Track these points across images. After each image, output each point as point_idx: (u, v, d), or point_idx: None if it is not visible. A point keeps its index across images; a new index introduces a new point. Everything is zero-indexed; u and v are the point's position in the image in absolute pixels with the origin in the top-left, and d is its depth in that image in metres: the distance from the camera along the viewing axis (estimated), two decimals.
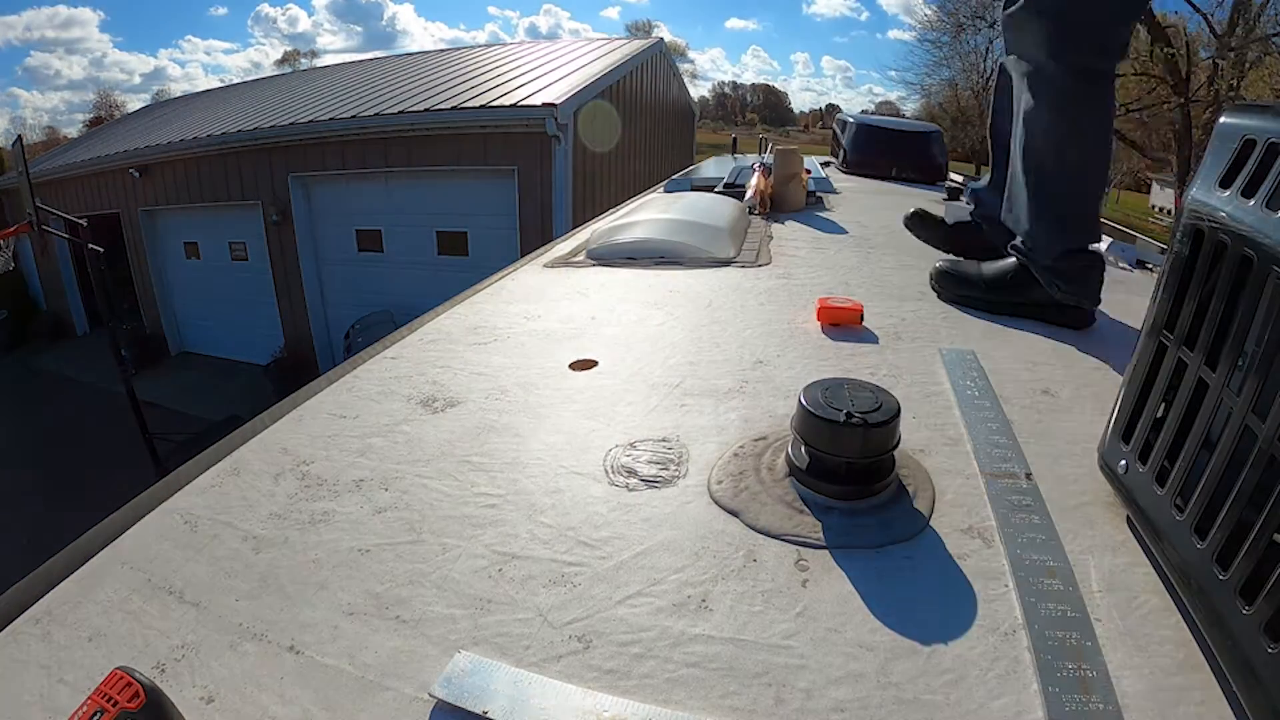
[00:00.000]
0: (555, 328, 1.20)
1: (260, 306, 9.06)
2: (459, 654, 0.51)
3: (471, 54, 10.58)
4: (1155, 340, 0.62)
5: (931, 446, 0.79)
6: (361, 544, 0.64)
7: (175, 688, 0.49)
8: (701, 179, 3.33)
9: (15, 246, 6.98)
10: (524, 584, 0.59)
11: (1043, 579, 0.57)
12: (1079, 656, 0.50)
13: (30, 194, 5.44)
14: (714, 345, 1.12)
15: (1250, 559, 0.45)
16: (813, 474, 0.69)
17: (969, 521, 0.66)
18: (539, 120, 6.75)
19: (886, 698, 0.48)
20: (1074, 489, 0.71)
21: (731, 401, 0.91)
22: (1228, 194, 0.54)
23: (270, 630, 0.54)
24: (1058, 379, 0.98)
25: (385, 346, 1.14)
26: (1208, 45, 11.79)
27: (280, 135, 8.08)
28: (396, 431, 0.85)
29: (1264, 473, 0.45)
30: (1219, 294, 0.54)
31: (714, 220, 1.86)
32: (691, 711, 0.47)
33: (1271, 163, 0.50)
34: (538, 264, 1.69)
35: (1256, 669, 0.44)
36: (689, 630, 0.54)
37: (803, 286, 1.45)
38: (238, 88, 13.68)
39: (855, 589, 0.58)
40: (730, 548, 0.63)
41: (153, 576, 0.61)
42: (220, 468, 0.78)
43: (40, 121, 53.56)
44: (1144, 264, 1.75)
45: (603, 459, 0.78)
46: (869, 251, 1.77)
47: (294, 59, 41.34)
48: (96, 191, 10.12)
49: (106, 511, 0.70)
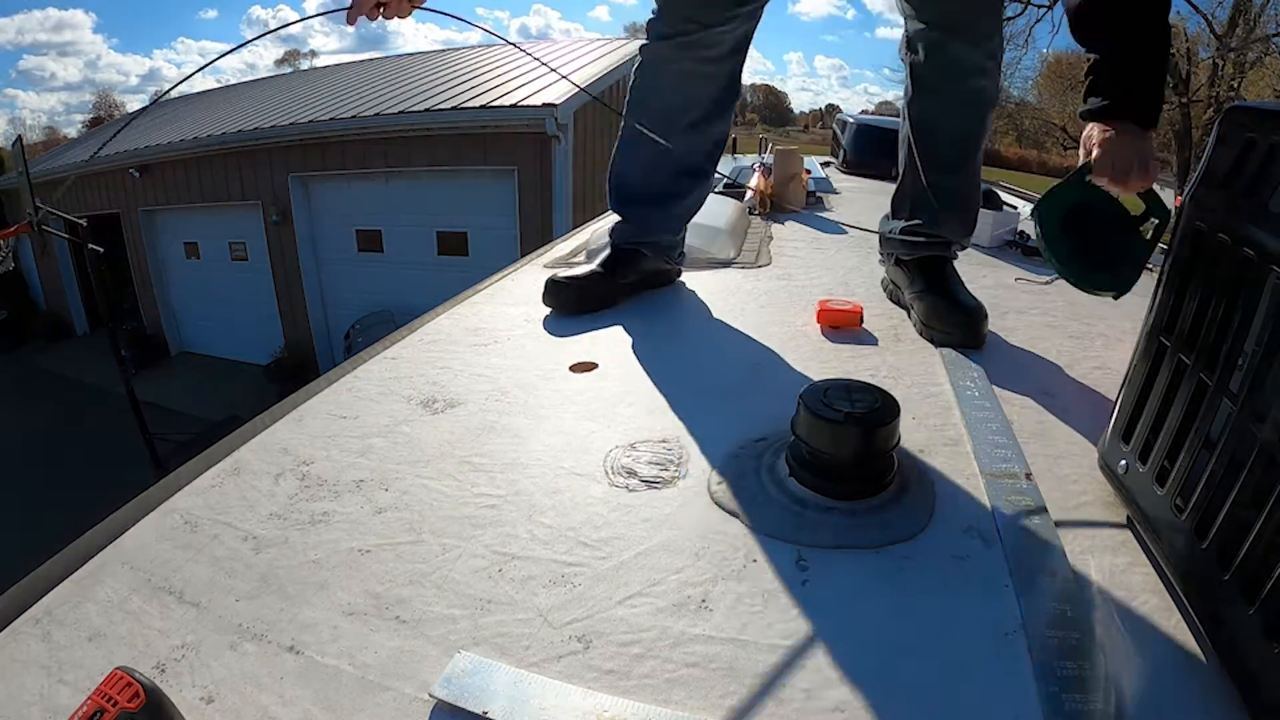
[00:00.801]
0: (555, 329, 1.20)
1: (260, 306, 9.06)
2: (459, 654, 0.51)
3: (471, 54, 10.56)
4: (1155, 340, 0.62)
5: (931, 446, 0.79)
6: (361, 544, 0.64)
7: (175, 688, 0.49)
8: None
9: (15, 246, 6.98)
10: (524, 584, 0.59)
11: (1043, 579, 0.57)
12: (1079, 656, 0.50)
13: (30, 194, 5.43)
14: (714, 347, 1.12)
15: (1250, 559, 0.45)
16: (813, 474, 0.69)
17: (969, 521, 0.66)
18: (539, 120, 6.75)
19: (886, 698, 0.48)
20: (1074, 489, 0.71)
21: (731, 403, 0.91)
22: (1228, 194, 0.54)
23: (270, 630, 0.54)
24: (1058, 379, 0.98)
25: (385, 346, 1.14)
26: (1208, 45, 11.80)
27: (280, 135, 8.08)
28: (396, 432, 0.85)
29: (1264, 473, 0.45)
30: (1219, 294, 0.54)
31: (714, 220, 1.86)
32: (691, 711, 0.47)
33: (1272, 163, 0.50)
34: (538, 264, 1.69)
35: (1256, 669, 0.44)
36: (689, 630, 0.54)
37: (803, 288, 1.45)
38: (237, 88, 13.67)
39: (855, 589, 0.58)
40: (730, 548, 0.63)
41: (153, 576, 0.61)
42: (220, 468, 0.78)
43: (39, 122, 53.56)
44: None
45: (603, 460, 0.78)
46: (869, 252, 1.77)
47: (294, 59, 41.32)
48: (96, 191, 10.12)
49: (106, 511, 0.70)
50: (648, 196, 1.33)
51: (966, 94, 1.16)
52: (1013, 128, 21.04)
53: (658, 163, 1.30)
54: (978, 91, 1.16)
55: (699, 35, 1.18)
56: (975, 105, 1.17)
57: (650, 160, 1.30)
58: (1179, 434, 0.56)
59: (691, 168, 1.32)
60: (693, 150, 1.30)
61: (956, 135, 1.19)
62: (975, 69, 1.13)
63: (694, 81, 1.24)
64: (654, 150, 1.28)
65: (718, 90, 1.27)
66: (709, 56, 1.21)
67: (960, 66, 1.13)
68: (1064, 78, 15.99)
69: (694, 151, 1.31)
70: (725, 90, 1.27)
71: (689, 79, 1.23)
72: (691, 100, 1.26)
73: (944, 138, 1.20)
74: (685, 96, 1.25)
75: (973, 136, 1.21)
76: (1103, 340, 1.14)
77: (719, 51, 1.21)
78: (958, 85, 1.15)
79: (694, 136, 1.29)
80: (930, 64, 1.16)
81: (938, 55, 1.14)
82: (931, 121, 1.20)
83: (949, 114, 1.18)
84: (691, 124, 1.27)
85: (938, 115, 1.19)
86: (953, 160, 1.21)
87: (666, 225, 1.37)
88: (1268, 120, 0.52)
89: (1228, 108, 0.58)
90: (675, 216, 1.37)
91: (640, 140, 1.28)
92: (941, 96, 1.17)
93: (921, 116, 1.21)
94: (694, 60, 1.21)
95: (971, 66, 1.13)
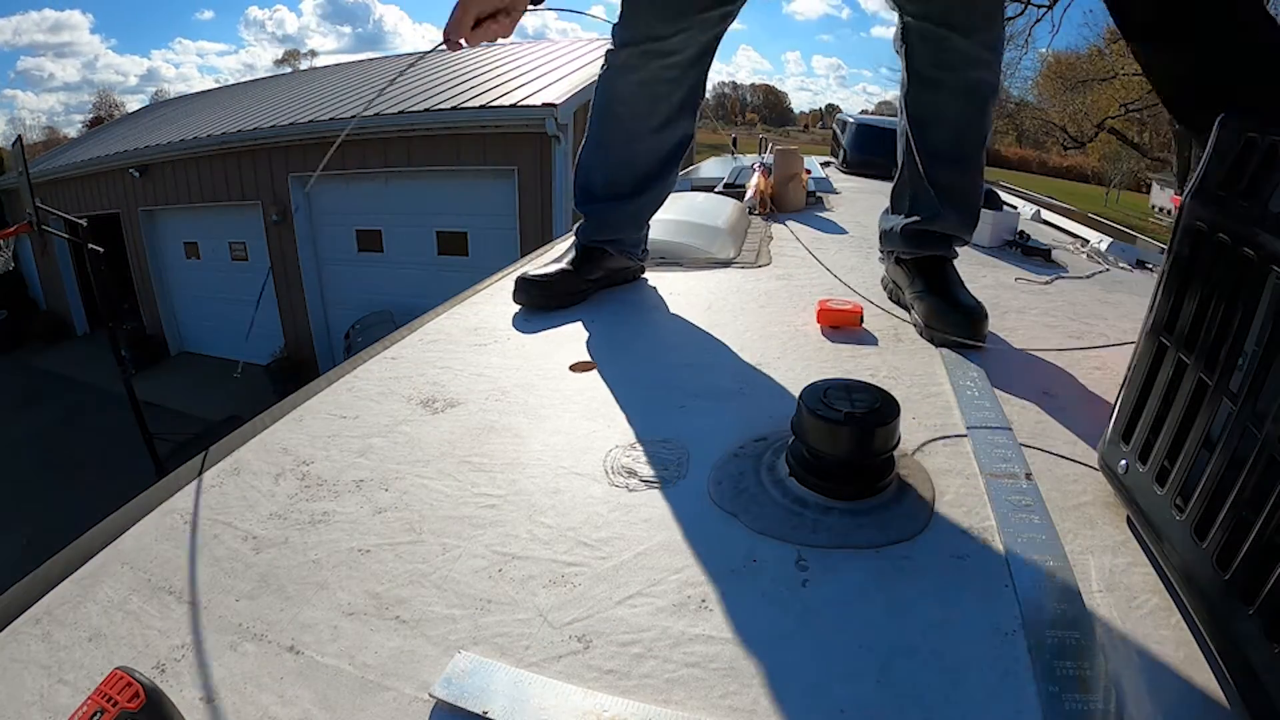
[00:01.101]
0: (555, 329, 1.20)
1: (260, 306, 9.06)
2: (459, 654, 0.51)
3: (471, 54, 10.56)
4: (1155, 340, 0.62)
5: (931, 446, 0.79)
6: (361, 544, 0.64)
7: (175, 688, 0.49)
8: (701, 179, 3.33)
9: (15, 246, 6.98)
10: (524, 584, 0.59)
11: (1043, 579, 0.57)
12: (1079, 656, 0.50)
13: (30, 194, 5.44)
14: (714, 346, 1.12)
15: (1250, 559, 0.45)
16: (813, 474, 0.69)
17: (969, 521, 0.66)
18: (539, 120, 6.75)
19: (886, 698, 0.48)
20: (1074, 489, 0.71)
21: (731, 402, 0.91)
22: (1228, 194, 0.54)
23: (270, 630, 0.54)
24: (1058, 379, 0.98)
25: (385, 346, 1.14)
26: None
27: (280, 135, 8.07)
28: (396, 432, 0.85)
29: (1264, 473, 0.45)
30: (1218, 294, 0.54)
31: (714, 220, 1.86)
32: (691, 711, 0.47)
33: (1272, 163, 0.50)
34: (538, 264, 1.69)
35: (1256, 669, 0.44)
36: (689, 630, 0.54)
37: (802, 287, 1.45)
38: (237, 88, 13.68)
39: (855, 589, 0.58)
40: (730, 548, 0.63)
41: (153, 576, 0.61)
42: (220, 468, 0.78)
43: (39, 122, 53.60)
44: (1144, 264, 1.75)
45: (603, 460, 0.78)
46: (869, 251, 1.77)
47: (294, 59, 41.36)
48: (96, 191, 10.12)
49: (106, 511, 0.70)
50: (610, 197, 1.35)
51: (963, 85, 1.14)
52: (1013, 128, 21.05)
53: (620, 166, 1.33)
54: (975, 83, 1.14)
55: (660, 43, 1.19)
56: (973, 96, 1.15)
57: (613, 163, 1.33)
58: (1179, 434, 0.56)
59: (654, 169, 1.34)
60: (655, 153, 1.32)
61: (955, 128, 1.18)
62: (972, 59, 1.11)
63: (657, 88, 1.25)
64: (617, 154, 1.31)
65: (682, 95, 1.27)
66: (672, 63, 1.22)
67: (955, 58, 1.11)
68: (1064, 78, 15.99)
69: (657, 154, 1.33)
70: (689, 94, 1.28)
71: (652, 85, 1.24)
72: (655, 106, 1.27)
73: (942, 131, 1.18)
74: (649, 103, 1.26)
75: (972, 128, 1.18)
76: (1103, 340, 1.14)
77: (682, 58, 1.22)
78: (954, 77, 1.13)
79: (657, 140, 1.30)
80: (924, 56, 1.14)
81: (932, 47, 1.12)
82: (928, 114, 1.19)
83: (946, 106, 1.16)
84: (655, 129, 1.29)
85: (934, 108, 1.17)
86: (951, 154, 1.19)
87: (628, 224, 1.39)
88: (1268, 120, 0.52)
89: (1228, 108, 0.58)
90: (636, 215, 1.39)
91: (603, 144, 1.31)
92: (937, 88, 1.15)
93: (918, 109, 1.19)
94: (657, 67, 1.22)
95: (968, 57, 1.11)
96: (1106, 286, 1.51)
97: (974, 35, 1.09)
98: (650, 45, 1.19)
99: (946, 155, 1.20)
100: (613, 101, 1.28)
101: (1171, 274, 0.61)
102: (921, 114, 1.19)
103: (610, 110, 1.29)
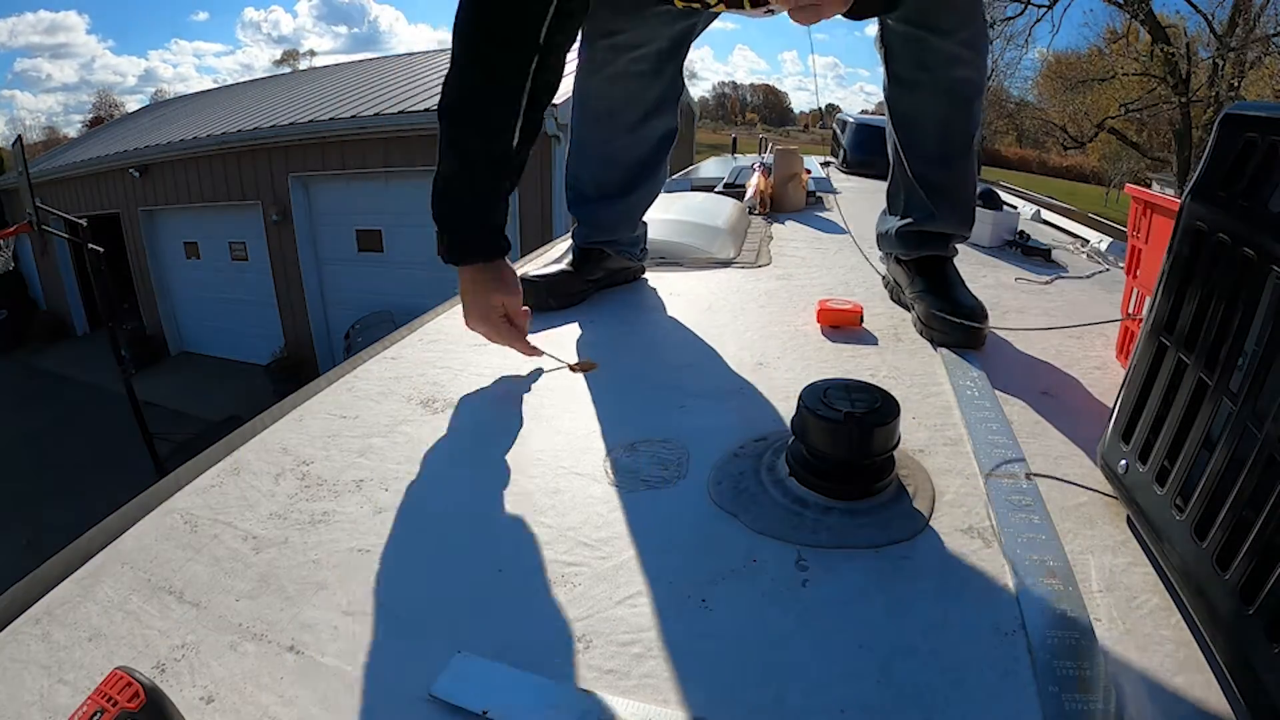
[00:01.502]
0: (555, 329, 1.20)
1: (260, 307, 9.06)
2: (459, 654, 0.51)
3: None
4: (1155, 340, 0.62)
5: (931, 446, 0.79)
6: (361, 544, 0.64)
7: (175, 688, 0.49)
8: (701, 179, 3.33)
9: (15, 246, 6.98)
10: (524, 584, 0.59)
11: (1043, 579, 0.57)
12: (1079, 656, 0.50)
13: (30, 194, 5.44)
14: (714, 346, 1.12)
15: (1250, 559, 0.45)
16: (813, 474, 0.69)
17: (969, 521, 0.66)
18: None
19: (886, 698, 0.48)
20: (1074, 489, 0.71)
21: (731, 402, 0.91)
22: (1228, 194, 0.54)
23: (270, 630, 0.54)
24: (1058, 379, 0.98)
25: (385, 346, 1.14)
26: (1207, 45, 11.81)
27: (280, 135, 8.07)
28: (396, 432, 0.85)
29: (1264, 473, 0.45)
30: (1219, 294, 0.54)
31: (714, 220, 1.86)
32: (691, 711, 0.47)
33: (1272, 163, 0.50)
34: (538, 264, 1.69)
35: (1257, 669, 0.44)
36: (689, 630, 0.54)
37: (802, 287, 1.45)
38: (237, 88, 13.68)
39: (855, 589, 0.58)
40: (730, 548, 0.63)
41: (153, 576, 0.61)
42: (220, 468, 0.78)
43: (39, 122, 53.62)
44: None
45: (603, 460, 0.78)
46: (869, 251, 1.77)
47: (294, 59, 41.37)
48: (96, 191, 10.12)
49: (106, 511, 0.70)
50: (599, 197, 1.35)
51: (945, 85, 1.13)
52: (1013, 128, 21.04)
53: (603, 165, 1.33)
54: (956, 82, 1.12)
55: (625, 37, 1.18)
56: (955, 96, 1.14)
57: (598, 162, 1.33)
58: (1179, 434, 0.56)
59: (638, 166, 1.34)
60: (636, 149, 1.32)
61: (940, 128, 1.17)
62: (952, 59, 1.10)
63: (629, 82, 1.24)
64: (597, 153, 1.31)
65: (659, 89, 1.27)
66: (640, 56, 1.21)
67: (935, 58, 1.10)
68: (1064, 78, 16.00)
69: (638, 150, 1.32)
70: (666, 88, 1.28)
71: (623, 80, 1.24)
72: (630, 101, 1.26)
73: (927, 132, 1.18)
74: (623, 98, 1.26)
75: (957, 128, 1.17)
76: (1103, 340, 1.14)
77: (649, 51, 1.21)
78: (934, 77, 1.12)
79: (636, 135, 1.30)
80: (904, 59, 1.13)
81: (913, 49, 1.11)
82: (911, 116, 1.18)
83: (928, 107, 1.15)
84: (632, 124, 1.28)
85: (917, 109, 1.17)
86: (939, 154, 1.19)
87: (621, 223, 1.39)
88: (1267, 121, 0.52)
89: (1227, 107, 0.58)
90: (627, 214, 1.39)
91: (583, 144, 1.31)
92: (917, 89, 1.14)
93: (900, 111, 1.19)
94: (626, 61, 1.21)
95: (948, 57, 1.10)
96: (1106, 286, 1.51)
97: (953, 34, 1.08)
98: (611, 40, 1.19)
99: (934, 156, 1.19)
100: (586, 99, 1.28)
101: (1171, 274, 0.61)
102: (905, 116, 1.19)
103: (585, 108, 1.29)
